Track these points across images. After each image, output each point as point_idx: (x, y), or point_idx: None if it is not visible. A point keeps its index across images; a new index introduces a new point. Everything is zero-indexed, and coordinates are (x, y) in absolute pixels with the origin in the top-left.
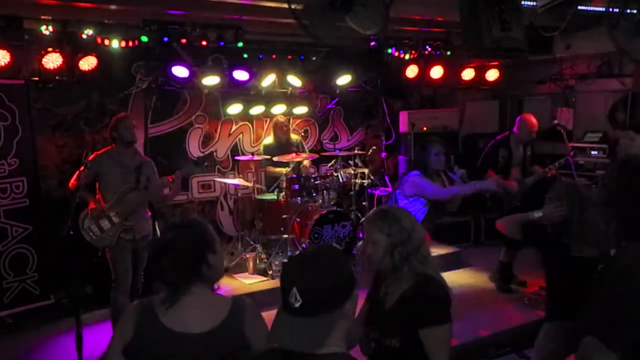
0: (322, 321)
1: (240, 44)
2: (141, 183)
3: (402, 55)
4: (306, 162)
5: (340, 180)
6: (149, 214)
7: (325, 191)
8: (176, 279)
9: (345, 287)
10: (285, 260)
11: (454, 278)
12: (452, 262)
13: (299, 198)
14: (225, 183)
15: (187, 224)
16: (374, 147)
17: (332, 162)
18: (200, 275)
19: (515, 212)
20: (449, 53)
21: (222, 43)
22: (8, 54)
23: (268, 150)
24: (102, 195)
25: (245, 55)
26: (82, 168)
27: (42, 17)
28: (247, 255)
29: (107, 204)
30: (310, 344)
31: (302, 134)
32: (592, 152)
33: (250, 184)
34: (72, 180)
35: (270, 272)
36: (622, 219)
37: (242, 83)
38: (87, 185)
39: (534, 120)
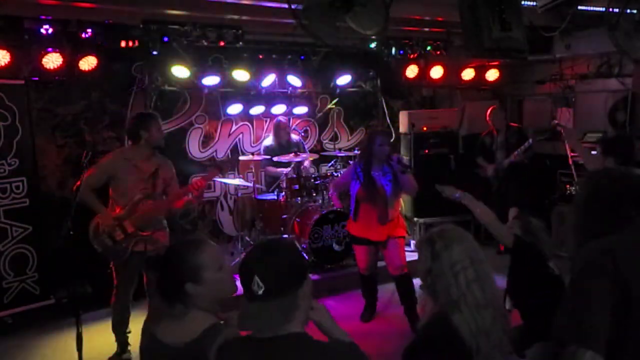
0: (285, 303)
1: (240, 44)
2: (158, 189)
3: (402, 55)
4: (306, 162)
5: None
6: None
7: (325, 191)
8: (161, 297)
9: (300, 270)
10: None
11: None
12: None
13: (299, 198)
14: (225, 183)
15: (178, 246)
16: None
17: (332, 162)
18: (182, 301)
19: (498, 192)
20: (448, 53)
21: (222, 43)
22: (8, 54)
23: (268, 150)
24: (115, 201)
25: (245, 55)
26: (91, 171)
27: (42, 17)
28: None
29: (121, 212)
30: (275, 325)
31: (302, 134)
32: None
33: (250, 184)
34: (79, 182)
35: None
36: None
37: (242, 83)
38: (96, 190)
39: (487, 113)
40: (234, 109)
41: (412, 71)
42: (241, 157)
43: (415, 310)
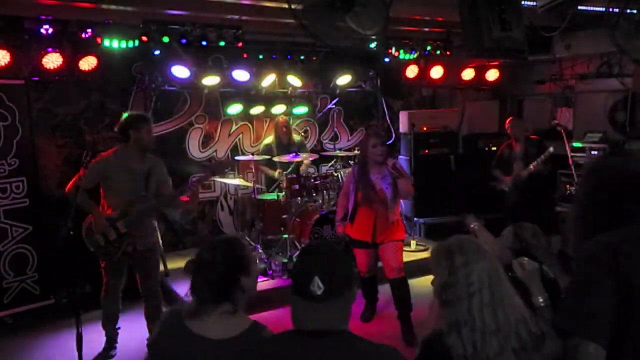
0: (341, 303)
1: (240, 44)
2: (150, 190)
3: (402, 55)
4: (306, 162)
5: (340, 180)
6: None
7: (325, 191)
8: (207, 297)
9: (352, 273)
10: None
11: None
12: None
13: (299, 198)
14: (225, 183)
15: (224, 243)
16: None
17: (332, 162)
18: (231, 298)
19: (517, 205)
20: (449, 53)
21: (222, 43)
22: (8, 54)
23: (267, 150)
24: (107, 201)
25: (245, 55)
26: (81, 172)
27: (42, 17)
28: None
29: (113, 213)
30: (331, 324)
31: (303, 134)
32: (592, 152)
33: (250, 184)
34: (69, 185)
35: (270, 272)
36: (589, 217)
37: (242, 83)
38: (89, 190)
39: (506, 123)
40: (234, 109)
41: (412, 71)
42: (241, 157)
43: (409, 314)
